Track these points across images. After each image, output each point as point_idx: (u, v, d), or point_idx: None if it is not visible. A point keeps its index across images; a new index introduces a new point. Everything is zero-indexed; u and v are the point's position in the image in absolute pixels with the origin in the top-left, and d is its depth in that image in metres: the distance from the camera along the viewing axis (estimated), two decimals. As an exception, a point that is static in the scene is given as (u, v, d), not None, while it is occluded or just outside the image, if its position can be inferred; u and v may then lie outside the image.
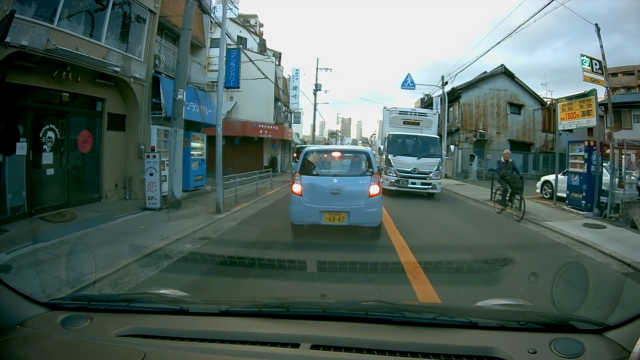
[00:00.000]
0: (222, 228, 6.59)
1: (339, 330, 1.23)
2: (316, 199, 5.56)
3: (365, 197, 5.57)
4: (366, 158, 6.09)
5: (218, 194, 7.97)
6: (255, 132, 19.17)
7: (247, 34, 20.31)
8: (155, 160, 8.39)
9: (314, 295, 3.27)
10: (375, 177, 5.77)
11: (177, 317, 1.35)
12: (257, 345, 1.14)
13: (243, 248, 4.85)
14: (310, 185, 5.65)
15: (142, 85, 9.39)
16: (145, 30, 9.61)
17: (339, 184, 5.61)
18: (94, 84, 8.61)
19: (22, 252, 4.56)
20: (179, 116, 8.40)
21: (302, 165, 6.00)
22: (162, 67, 10.44)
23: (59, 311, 1.35)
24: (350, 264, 4.15)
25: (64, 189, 8.20)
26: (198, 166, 11.31)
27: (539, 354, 1.07)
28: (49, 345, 1.16)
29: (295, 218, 5.71)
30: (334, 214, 5.49)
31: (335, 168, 6.22)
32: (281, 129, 21.64)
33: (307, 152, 6.25)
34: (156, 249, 5.03)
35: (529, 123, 24.01)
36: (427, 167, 11.73)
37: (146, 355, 1.06)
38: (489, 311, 1.57)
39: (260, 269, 4.22)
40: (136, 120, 9.40)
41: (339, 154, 6.66)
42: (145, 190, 8.51)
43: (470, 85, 22.59)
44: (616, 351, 1.07)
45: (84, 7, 8.04)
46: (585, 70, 10.42)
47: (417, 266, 4.25)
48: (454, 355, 1.08)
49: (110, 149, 9.16)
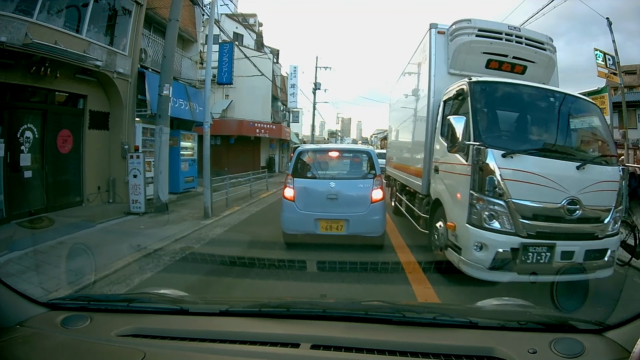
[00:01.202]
0: (208, 236, 5.96)
1: (339, 330, 1.22)
2: (311, 205, 4.95)
3: (366, 203, 4.94)
4: (367, 158, 5.54)
5: (206, 197, 7.36)
6: (252, 132, 18.51)
7: (244, 31, 19.69)
8: (139, 161, 7.78)
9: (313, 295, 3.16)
10: (378, 180, 5.14)
11: (177, 317, 1.34)
12: (257, 345, 1.14)
13: (225, 266, 4.20)
14: (304, 190, 5.04)
15: (127, 81, 8.78)
16: (130, 22, 9.01)
17: (336, 188, 4.99)
18: (75, 80, 8.03)
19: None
20: (165, 113, 7.78)
21: (294, 166, 5.37)
22: (149, 62, 9.82)
23: (59, 311, 1.34)
24: (350, 263, 4.05)
25: (43, 192, 7.62)
26: (189, 167, 10.71)
27: (539, 354, 1.06)
28: (49, 345, 1.16)
29: (287, 227, 5.09)
30: (331, 222, 4.88)
31: (333, 170, 5.59)
32: (279, 128, 20.96)
33: (300, 151, 5.64)
34: (127, 265, 4.42)
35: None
36: (596, 199, 3.64)
37: (146, 355, 1.06)
38: (489, 311, 1.55)
39: (243, 290, 3.73)
40: (120, 118, 8.79)
41: (337, 153, 6.03)
42: (129, 193, 7.91)
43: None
44: (616, 351, 1.06)
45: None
46: (599, 66, 9.85)
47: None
48: (454, 355, 1.07)
49: (92, 149, 8.55)
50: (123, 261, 4.53)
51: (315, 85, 32.01)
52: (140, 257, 4.70)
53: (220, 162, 17.96)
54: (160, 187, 7.74)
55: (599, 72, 9.63)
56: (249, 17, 23.54)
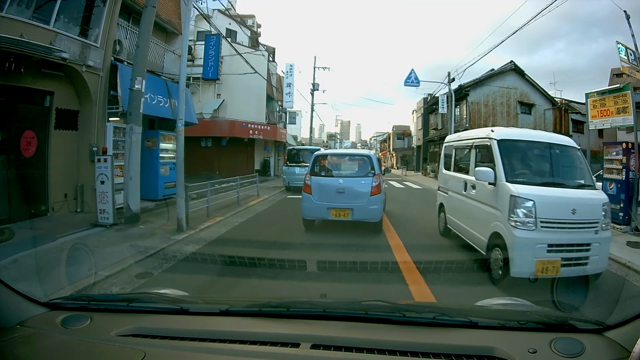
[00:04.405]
0: (175, 257, 4.92)
1: (339, 330, 1.22)
2: (324, 197, 6.23)
3: (367, 196, 6.16)
4: (369, 161, 6.59)
5: (179, 207, 6.38)
6: (245, 133, 17.54)
7: (237, 27, 18.77)
8: (107, 165, 6.82)
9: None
10: (377, 178, 6.33)
11: (177, 317, 1.34)
12: (257, 345, 1.14)
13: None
14: (319, 185, 6.34)
15: (97, 75, 7.84)
16: (104, 11, 8.10)
17: (344, 184, 6.26)
18: (40, 75, 7.13)
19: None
20: (136, 110, 6.83)
21: (312, 167, 6.65)
22: (124, 55, 8.87)
23: (59, 311, 1.34)
24: (351, 263, 4.17)
25: (5, 201, 6.75)
26: (170, 171, 9.74)
27: (539, 354, 1.06)
28: (49, 345, 1.16)
29: (306, 214, 6.47)
30: (340, 210, 6.15)
31: (341, 170, 6.76)
32: (274, 129, 19.91)
33: (316, 156, 6.90)
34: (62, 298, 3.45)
35: (540, 124, 22.39)
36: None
37: (146, 355, 1.06)
38: (489, 311, 1.55)
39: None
40: (90, 117, 7.86)
41: (345, 157, 7.29)
42: (97, 202, 6.95)
43: (478, 83, 20.72)
44: (616, 351, 1.06)
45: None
46: (622, 60, 8.92)
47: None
48: (454, 354, 1.07)
49: (59, 152, 7.61)
50: (65, 291, 3.60)
51: (313, 85, 31.07)
52: (83, 288, 3.74)
53: (212, 165, 17.00)
54: (131, 194, 6.78)
55: (622, 67, 8.72)
56: (247, 18, 22.89)
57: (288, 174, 13.29)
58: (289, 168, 13.28)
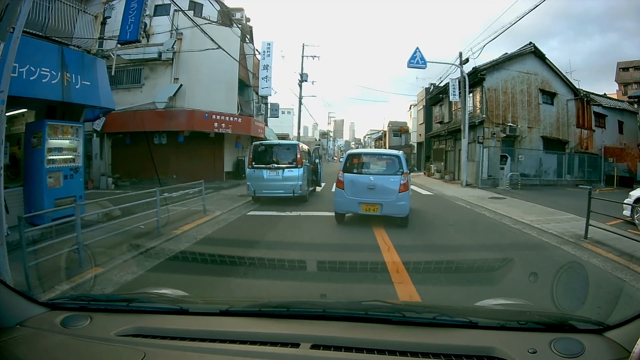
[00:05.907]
0: None
1: (339, 330, 1.22)
2: (356, 192, 6.78)
3: (395, 193, 6.66)
4: (397, 160, 7.01)
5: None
6: (209, 126, 14.15)
7: (205, 0, 15.41)
8: None
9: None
10: (404, 177, 6.83)
11: (177, 317, 1.33)
12: (257, 345, 1.14)
13: None
14: (351, 181, 6.90)
15: None
16: None
17: (374, 181, 6.80)
18: None
19: None
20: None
21: (345, 164, 7.17)
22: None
23: (59, 311, 1.34)
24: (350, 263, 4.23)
25: None
26: (64, 180, 6.47)
27: (539, 354, 1.06)
28: (49, 345, 1.16)
29: (338, 208, 7.07)
30: (370, 205, 6.68)
31: (371, 168, 7.22)
32: (246, 121, 16.23)
33: (349, 154, 7.50)
34: None
35: (563, 116, 19.33)
36: None
37: (146, 355, 1.06)
38: (488, 311, 1.55)
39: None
40: None
41: (375, 156, 7.87)
42: None
43: (495, 66, 17.46)
44: (616, 351, 1.05)
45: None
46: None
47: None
48: (454, 355, 1.08)
49: None
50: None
51: (301, 76, 27.65)
52: None
53: (167, 167, 13.64)
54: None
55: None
56: (236, 12, 19.89)
57: (253, 179, 9.71)
58: (255, 171, 9.70)
